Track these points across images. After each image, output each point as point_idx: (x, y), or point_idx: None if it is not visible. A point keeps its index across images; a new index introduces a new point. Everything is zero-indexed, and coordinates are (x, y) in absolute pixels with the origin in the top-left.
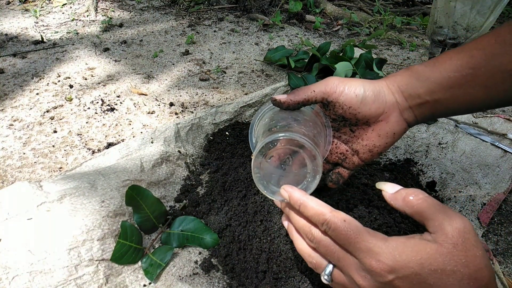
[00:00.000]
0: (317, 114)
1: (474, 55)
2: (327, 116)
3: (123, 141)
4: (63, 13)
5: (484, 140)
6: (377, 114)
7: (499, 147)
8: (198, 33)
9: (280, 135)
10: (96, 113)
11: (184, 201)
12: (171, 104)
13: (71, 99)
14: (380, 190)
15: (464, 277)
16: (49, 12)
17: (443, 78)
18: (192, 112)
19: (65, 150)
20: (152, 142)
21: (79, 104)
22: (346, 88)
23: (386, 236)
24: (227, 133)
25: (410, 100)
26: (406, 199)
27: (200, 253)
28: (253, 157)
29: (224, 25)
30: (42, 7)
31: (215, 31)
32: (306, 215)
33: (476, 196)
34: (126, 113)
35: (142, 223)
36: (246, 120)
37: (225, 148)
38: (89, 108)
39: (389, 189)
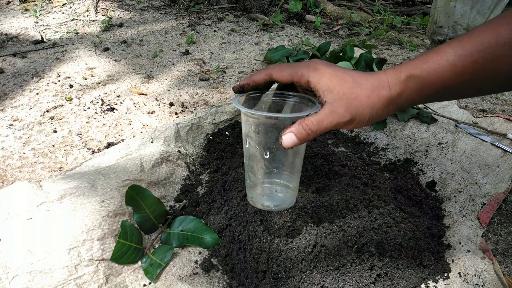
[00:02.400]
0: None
1: (476, 60)
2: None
3: (123, 141)
4: (63, 13)
5: (484, 140)
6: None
7: (499, 147)
8: (198, 33)
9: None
10: (96, 113)
11: (184, 201)
12: (171, 104)
13: (71, 99)
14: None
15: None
16: (49, 12)
17: (441, 85)
18: (192, 112)
19: (65, 150)
20: (152, 142)
21: (79, 104)
22: (346, 126)
23: None
24: (227, 133)
25: (401, 107)
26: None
27: (200, 253)
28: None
29: (224, 25)
30: (42, 7)
31: (215, 31)
32: None
33: (476, 196)
34: (126, 113)
35: (142, 223)
36: None
37: (225, 148)
38: (89, 108)
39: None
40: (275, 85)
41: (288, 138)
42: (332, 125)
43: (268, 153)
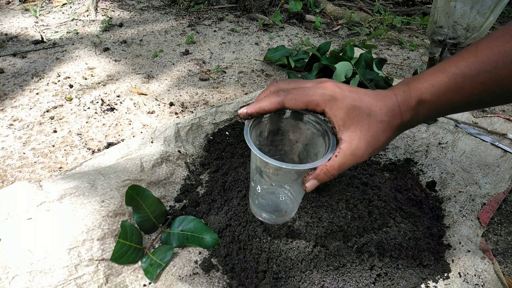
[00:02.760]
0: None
1: (483, 81)
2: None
3: (123, 141)
4: (63, 13)
5: (484, 140)
6: None
7: (499, 147)
8: (198, 33)
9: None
10: (96, 113)
11: (184, 201)
12: (171, 104)
13: (71, 99)
14: (379, 191)
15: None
16: (49, 12)
17: (450, 106)
18: (192, 112)
19: (65, 150)
20: (152, 142)
21: (79, 104)
22: (363, 159)
23: None
24: (227, 133)
25: (407, 127)
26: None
27: (200, 253)
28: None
29: (224, 25)
30: (42, 7)
31: (215, 31)
32: None
33: (476, 196)
34: (126, 113)
35: (142, 223)
36: None
37: (225, 148)
38: (89, 108)
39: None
40: None
41: (311, 184)
42: (352, 165)
43: (280, 188)
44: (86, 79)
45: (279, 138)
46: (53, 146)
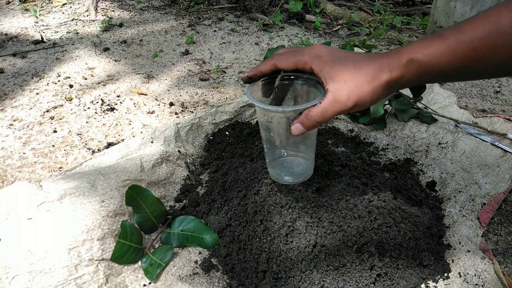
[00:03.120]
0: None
1: (476, 47)
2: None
3: (123, 141)
4: (63, 13)
5: (484, 140)
6: None
7: (499, 147)
8: (198, 33)
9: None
10: (96, 113)
11: (184, 201)
12: (171, 104)
13: (71, 99)
14: (379, 191)
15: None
16: (49, 12)
17: (441, 69)
18: (192, 112)
19: (65, 150)
20: (152, 142)
21: (79, 104)
22: (349, 110)
23: None
24: (227, 133)
25: (400, 88)
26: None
27: (200, 253)
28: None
29: (224, 25)
30: (42, 7)
31: (215, 31)
32: None
33: (476, 196)
34: (126, 113)
35: (142, 223)
36: (246, 120)
37: (225, 148)
38: (89, 108)
39: None
40: None
41: (296, 128)
42: (336, 114)
43: (282, 138)
44: (86, 79)
45: (277, 98)
46: (53, 146)
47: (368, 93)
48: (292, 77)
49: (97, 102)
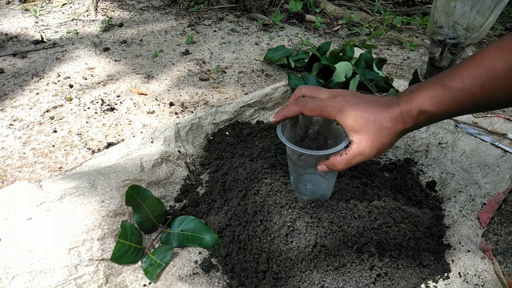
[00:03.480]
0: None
1: (475, 93)
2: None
3: (123, 141)
4: (63, 13)
5: (484, 140)
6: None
7: (499, 147)
8: (198, 33)
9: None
10: (96, 113)
11: (184, 201)
12: (171, 104)
13: (71, 99)
14: (379, 191)
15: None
16: (49, 12)
17: (446, 115)
18: (192, 112)
19: (65, 150)
20: (152, 142)
21: (79, 104)
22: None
23: None
24: (227, 133)
25: (414, 122)
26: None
27: (200, 253)
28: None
29: (224, 25)
30: (42, 7)
31: (215, 31)
32: None
33: (476, 196)
34: (126, 113)
35: (142, 223)
36: (246, 120)
37: (225, 148)
38: (89, 108)
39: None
40: None
41: (321, 168)
42: (359, 162)
43: (308, 169)
44: (86, 79)
45: (302, 133)
46: (53, 146)
47: (386, 144)
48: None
49: (97, 102)
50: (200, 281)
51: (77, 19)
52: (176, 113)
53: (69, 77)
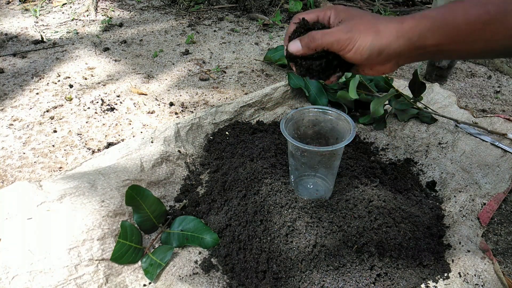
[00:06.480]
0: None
1: (489, 10)
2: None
3: (123, 140)
4: (63, 12)
5: (484, 140)
6: (374, 64)
7: (499, 147)
8: (198, 32)
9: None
10: (96, 112)
11: (184, 201)
12: (171, 104)
13: (71, 99)
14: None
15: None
16: (49, 12)
17: (454, 29)
18: (192, 112)
19: (65, 150)
20: (152, 142)
21: (79, 104)
22: (354, 49)
23: None
24: (227, 133)
25: (414, 51)
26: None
27: (200, 253)
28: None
29: (224, 25)
30: (42, 7)
31: (215, 30)
32: None
33: (476, 196)
34: (126, 112)
35: (142, 223)
36: (246, 120)
37: (225, 148)
38: (89, 107)
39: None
40: None
41: (293, 43)
42: (333, 39)
43: (311, 168)
44: (86, 79)
45: (306, 131)
46: (53, 146)
47: (370, 31)
48: (324, 110)
49: (97, 102)
50: (200, 281)
51: (77, 19)
52: (176, 113)
53: (69, 77)
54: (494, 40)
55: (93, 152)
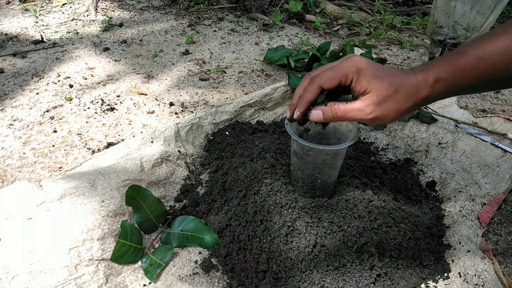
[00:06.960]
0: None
1: (495, 62)
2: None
3: (123, 141)
4: (63, 12)
5: (484, 140)
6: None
7: (499, 147)
8: (198, 32)
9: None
10: (96, 112)
11: (184, 201)
12: (171, 104)
13: (71, 99)
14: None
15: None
16: (49, 12)
17: (465, 85)
18: (192, 112)
19: (65, 150)
20: (152, 142)
21: (79, 104)
22: (374, 123)
23: None
24: (227, 133)
25: (430, 90)
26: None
27: (200, 253)
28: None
29: (224, 25)
30: (42, 7)
31: (215, 30)
32: None
33: (476, 196)
34: (126, 112)
35: (142, 223)
36: (246, 120)
37: (225, 148)
38: (89, 107)
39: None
40: None
41: (316, 113)
42: (355, 119)
43: (314, 168)
44: (86, 79)
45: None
46: (53, 146)
47: (393, 111)
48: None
49: (97, 102)
50: (200, 281)
51: (77, 19)
52: (176, 113)
53: (69, 77)
54: (504, 85)
55: (93, 152)
